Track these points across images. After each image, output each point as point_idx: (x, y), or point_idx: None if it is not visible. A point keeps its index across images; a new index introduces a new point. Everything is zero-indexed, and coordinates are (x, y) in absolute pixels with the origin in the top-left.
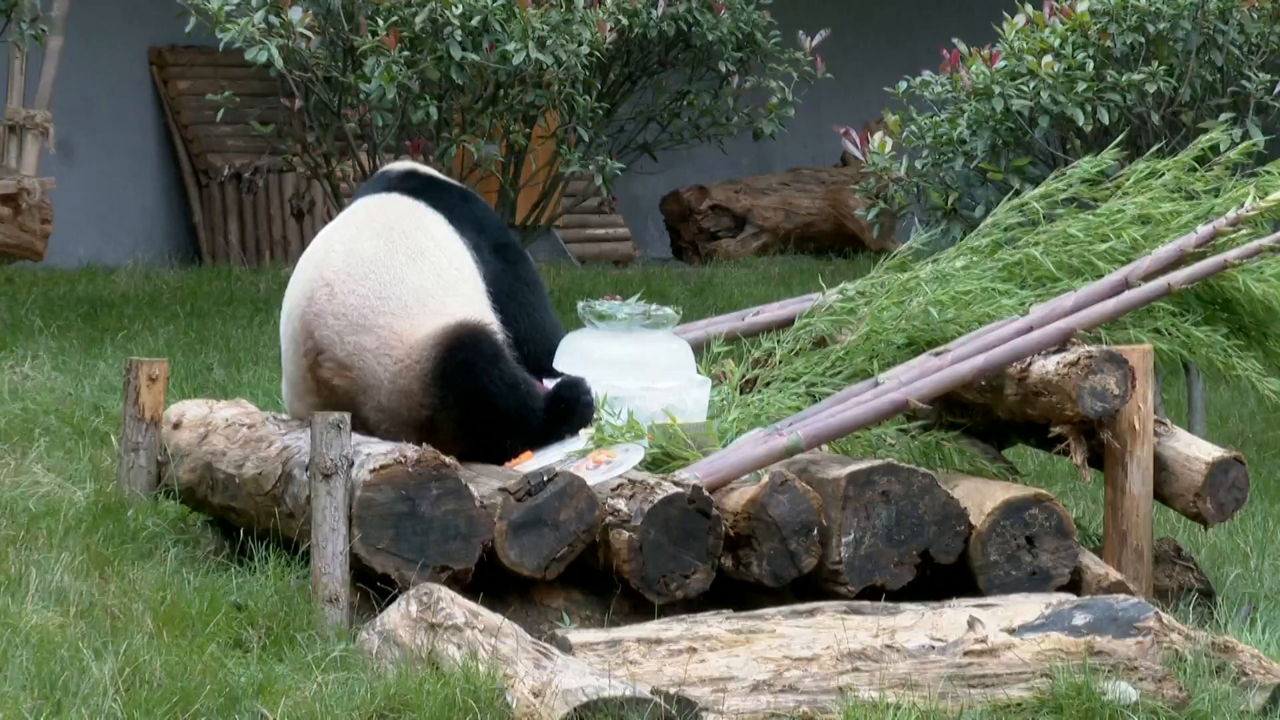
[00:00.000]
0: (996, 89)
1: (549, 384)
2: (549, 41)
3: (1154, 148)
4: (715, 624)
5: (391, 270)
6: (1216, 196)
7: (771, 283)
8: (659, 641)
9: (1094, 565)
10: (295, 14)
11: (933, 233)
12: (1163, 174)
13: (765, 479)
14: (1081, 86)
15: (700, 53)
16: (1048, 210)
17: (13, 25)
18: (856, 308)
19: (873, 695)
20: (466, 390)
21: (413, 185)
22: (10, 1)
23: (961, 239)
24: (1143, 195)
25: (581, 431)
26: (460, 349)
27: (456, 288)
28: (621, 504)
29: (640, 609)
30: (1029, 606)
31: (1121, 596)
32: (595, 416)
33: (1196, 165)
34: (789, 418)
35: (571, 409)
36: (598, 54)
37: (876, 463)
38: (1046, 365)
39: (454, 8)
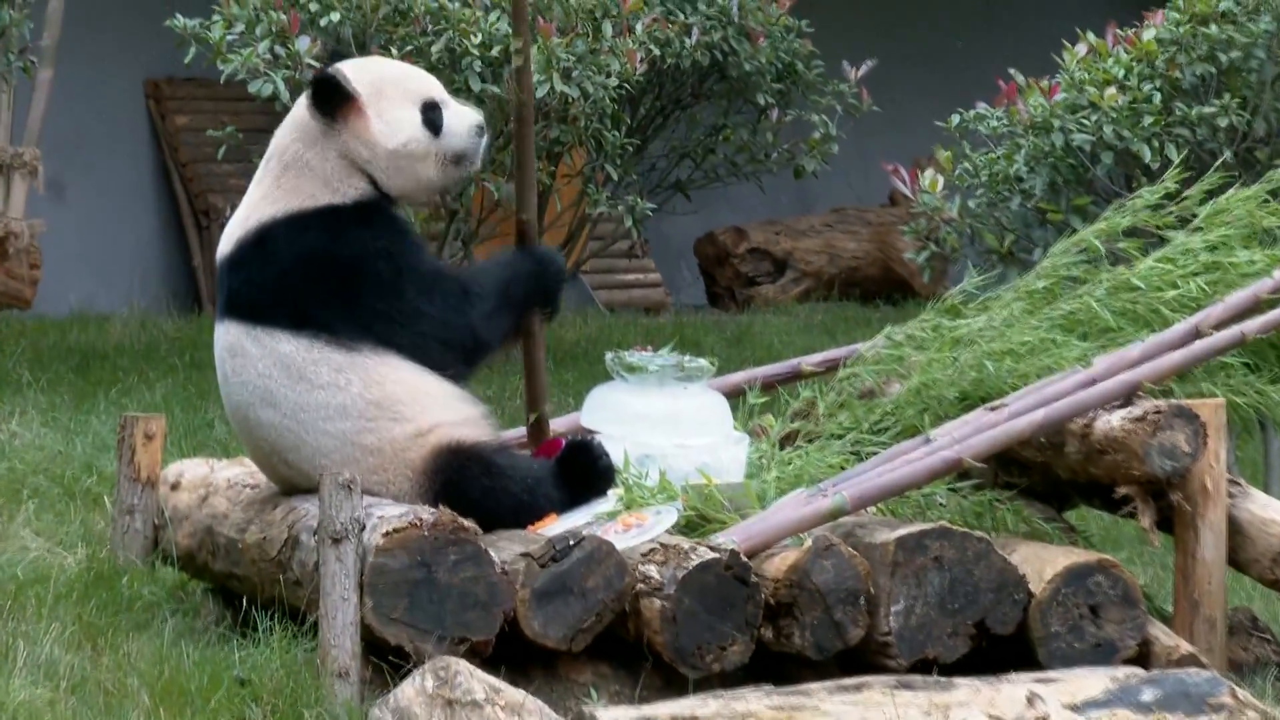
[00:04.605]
0: (1056, 123)
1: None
2: (575, 73)
3: (1215, 164)
4: (754, 700)
5: (299, 431)
6: None
7: (814, 331)
8: (694, 719)
9: (1163, 636)
10: (303, 43)
11: (988, 276)
12: (1234, 208)
13: (808, 543)
14: (1148, 120)
15: (737, 84)
16: (1109, 246)
17: (0, 56)
18: (905, 355)
19: None
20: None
21: (237, 305)
22: None
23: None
24: (1213, 232)
25: (610, 492)
26: (445, 486)
27: (370, 390)
28: (653, 570)
29: (674, 683)
30: (1093, 681)
31: (1193, 670)
32: (621, 476)
33: (1270, 197)
34: (833, 477)
35: (589, 477)
36: (627, 86)
37: (928, 526)
38: (1111, 421)
39: (472, 36)
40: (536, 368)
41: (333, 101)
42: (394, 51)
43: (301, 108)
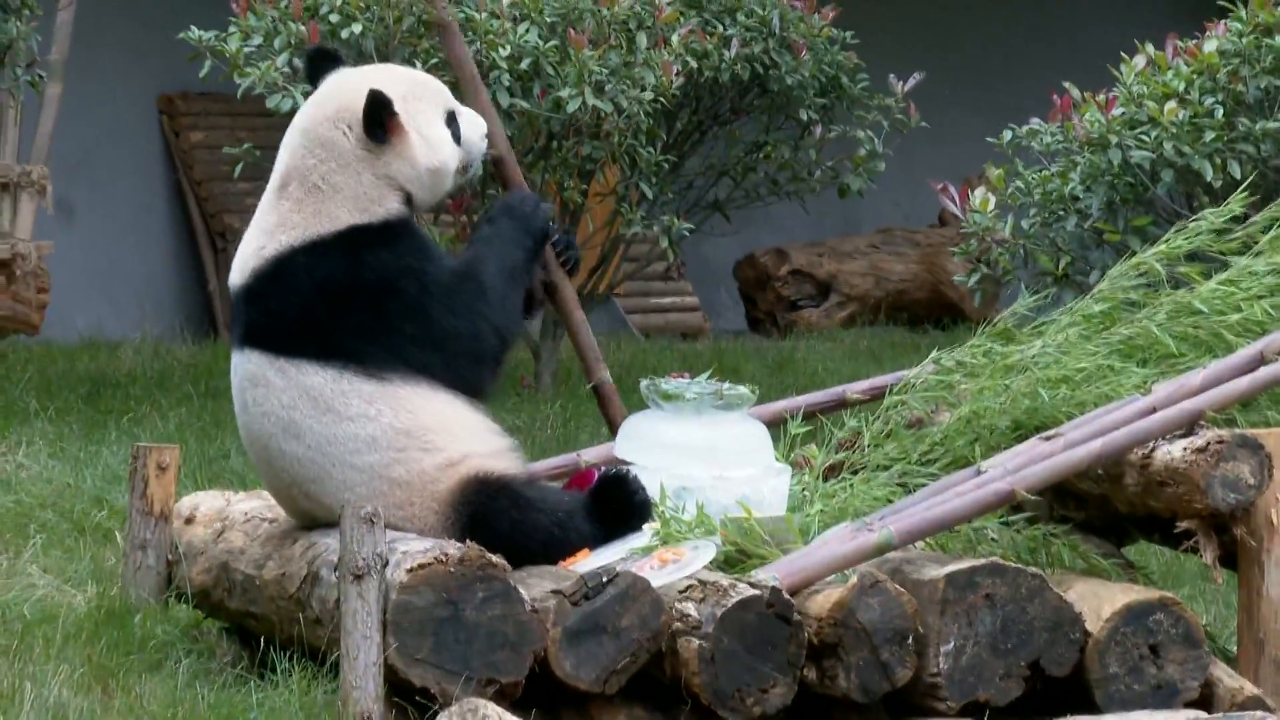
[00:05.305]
0: (1113, 139)
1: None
2: (608, 87)
3: None
4: None
5: (324, 464)
6: None
7: (860, 358)
8: None
9: (1227, 678)
10: None
11: (1042, 299)
12: None
13: (853, 580)
14: (1210, 136)
15: (778, 99)
16: (1169, 269)
17: (6, 71)
18: (954, 383)
19: None
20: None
21: (257, 335)
22: (3, 45)
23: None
24: (1278, 254)
25: (645, 526)
26: (473, 519)
27: (399, 418)
28: (691, 608)
29: None
30: None
31: (1258, 714)
32: (657, 509)
33: None
34: (879, 511)
35: (623, 511)
36: (663, 100)
37: (979, 562)
38: (1172, 451)
39: (501, 49)
40: (578, 329)
41: (384, 122)
42: (418, 65)
43: (325, 127)
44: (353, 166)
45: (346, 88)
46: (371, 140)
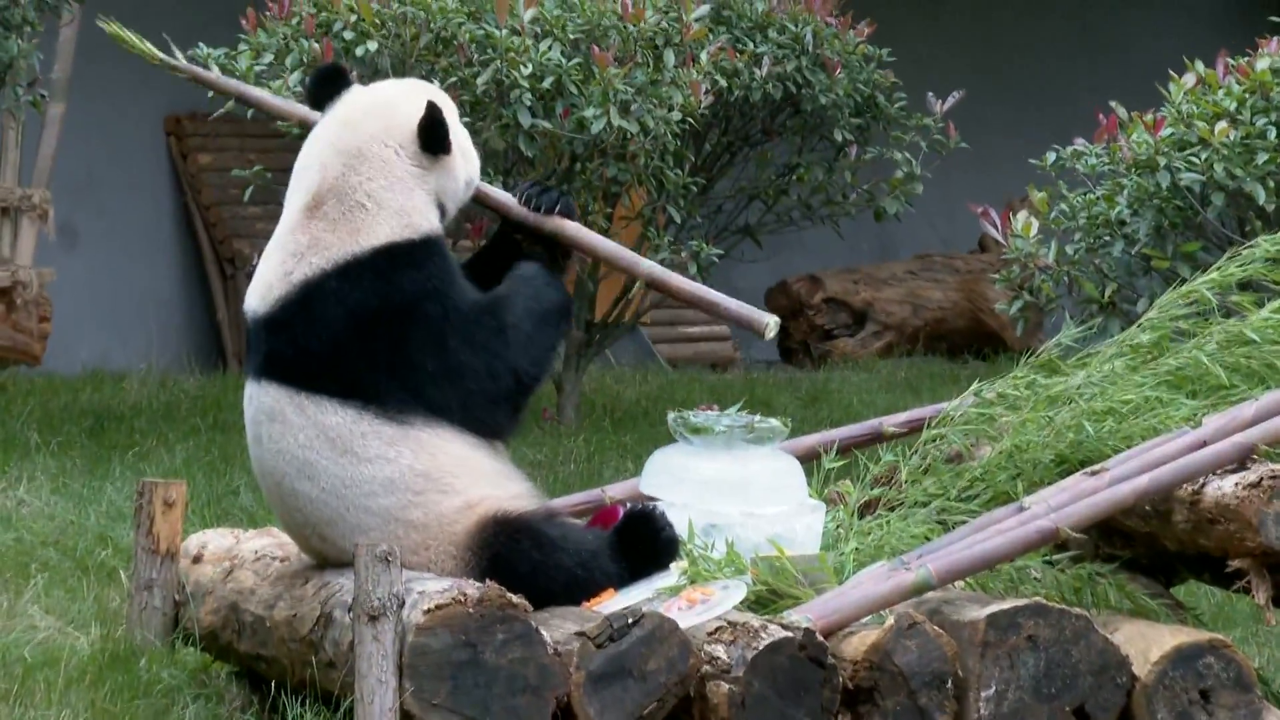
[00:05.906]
0: (1162, 161)
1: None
2: (634, 106)
3: None
4: None
5: (338, 507)
6: None
7: (897, 389)
8: None
9: None
10: None
11: (1087, 329)
12: None
13: (890, 621)
14: (1262, 158)
15: (812, 119)
16: (1221, 298)
17: (7, 90)
18: (995, 415)
19: None
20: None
21: (278, 367)
22: (3, 63)
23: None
24: None
25: (673, 565)
26: (494, 561)
27: (418, 459)
28: (720, 651)
29: None
30: None
31: None
32: (685, 548)
33: None
34: (917, 549)
35: (650, 549)
36: (691, 120)
37: (1022, 602)
38: (1223, 487)
39: (522, 67)
40: (598, 245)
41: (444, 137)
42: (435, 83)
43: (372, 146)
44: (404, 183)
45: (382, 105)
46: (430, 155)
